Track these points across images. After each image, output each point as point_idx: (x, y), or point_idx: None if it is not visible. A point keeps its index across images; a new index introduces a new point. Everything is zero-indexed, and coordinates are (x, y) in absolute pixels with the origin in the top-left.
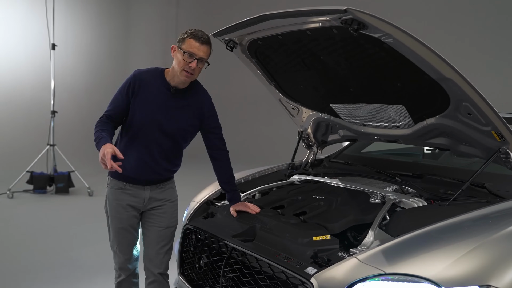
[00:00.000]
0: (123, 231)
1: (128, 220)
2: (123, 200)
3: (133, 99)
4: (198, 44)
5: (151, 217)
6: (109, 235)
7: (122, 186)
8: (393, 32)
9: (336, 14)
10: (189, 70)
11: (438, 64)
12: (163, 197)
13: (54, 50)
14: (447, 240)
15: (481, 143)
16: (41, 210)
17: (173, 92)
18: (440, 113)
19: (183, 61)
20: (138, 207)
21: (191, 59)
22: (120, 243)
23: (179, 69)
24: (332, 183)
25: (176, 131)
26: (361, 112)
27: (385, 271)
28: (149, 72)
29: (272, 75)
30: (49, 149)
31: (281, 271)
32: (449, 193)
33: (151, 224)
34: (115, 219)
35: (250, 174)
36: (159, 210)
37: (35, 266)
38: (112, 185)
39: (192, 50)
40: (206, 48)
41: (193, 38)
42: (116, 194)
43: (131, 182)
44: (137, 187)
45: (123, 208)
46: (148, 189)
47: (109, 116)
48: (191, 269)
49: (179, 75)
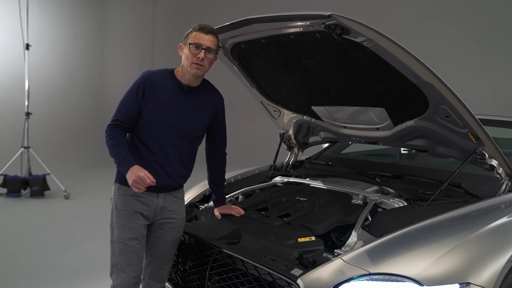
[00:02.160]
0: (134, 242)
1: (139, 230)
2: (135, 207)
3: (145, 101)
4: (203, 34)
5: (159, 231)
6: (112, 252)
7: (133, 192)
8: (375, 38)
9: (320, 19)
10: (198, 61)
11: (419, 69)
12: (174, 208)
13: (28, 50)
14: (428, 239)
15: (458, 144)
16: (15, 215)
17: (186, 90)
18: (419, 116)
19: (191, 54)
20: (149, 216)
21: (198, 50)
22: (128, 257)
23: (188, 63)
24: (314, 185)
25: (191, 130)
26: (342, 114)
27: (369, 271)
28: (159, 73)
29: (254, 77)
30: (24, 152)
31: (267, 273)
32: (427, 194)
33: (158, 238)
34: (125, 229)
35: (233, 176)
36: (169, 225)
37: (12, 272)
38: (122, 191)
39: (197, 41)
40: (212, 37)
41: (197, 31)
42: (126, 201)
43: None
44: (150, 194)
45: (134, 215)
46: (161, 197)
47: (120, 123)
48: (175, 272)
49: (189, 69)
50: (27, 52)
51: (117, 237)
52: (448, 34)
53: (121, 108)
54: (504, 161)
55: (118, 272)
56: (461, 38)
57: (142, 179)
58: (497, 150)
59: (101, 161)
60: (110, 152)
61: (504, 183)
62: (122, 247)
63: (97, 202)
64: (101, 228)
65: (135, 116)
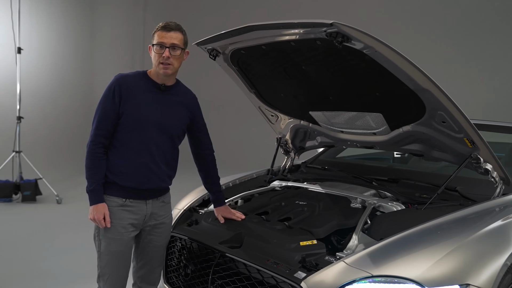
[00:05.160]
0: (122, 255)
1: (129, 241)
2: (124, 218)
3: (123, 103)
4: (165, 32)
5: (148, 236)
6: (99, 263)
7: (121, 203)
8: (376, 46)
9: (322, 27)
10: (164, 61)
11: (417, 76)
12: (163, 213)
13: (20, 53)
14: (427, 242)
15: (454, 149)
16: (7, 220)
17: (163, 89)
18: (416, 121)
19: (157, 54)
20: (138, 225)
21: (163, 49)
22: (116, 269)
23: (156, 63)
24: (313, 189)
25: (172, 128)
26: (340, 119)
27: (372, 274)
28: (132, 75)
29: (253, 83)
30: (15, 156)
31: (270, 276)
32: (424, 197)
33: (148, 243)
34: (115, 241)
35: (231, 180)
36: (157, 230)
37: (5, 278)
38: (109, 203)
39: (161, 40)
40: (175, 34)
41: (160, 30)
42: (114, 212)
43: (131, 197)
44: (138, 202)
45: (124, 228)
46: (150, 203)
47: (103, 137)
48: (176, 277)
49: (158, 70)
50: (18, 56)
51: (104, 249)
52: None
53: (101, 118)
54: (498, 165)
55: (105, 283)
56: (454, 42)
57: (99, 222)
58: (492, 154)
59: None
60: (86, 172)
61: (499, 186)
62: (110, 259)
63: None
64: None
65: (116, 122)
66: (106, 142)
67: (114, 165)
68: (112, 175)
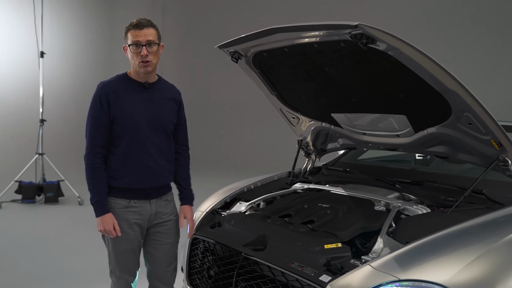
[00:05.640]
0: (130, 252)
1: (136, 240)
2: (129, 219)
3: (113, 110)
4: (138, 30)
5: (156, 234)
6: (109, 261)
7: (126, 204)
8: (401, 47)
9: (346, 29)
10: (143, 59)
11: (443, 77)
12: (168, 211)
13: (43, 57)
14: (455, 246)
15: (480, 151)
16: (30, 221)
17: (147, 86)
18: (441, 123)
19: (134, 54)
20: (144, 224)
21: (139, 48)
22: (125, 266)
23: (136, 63)
24: (335, 191)
25: (165, 124)
26: (362, 121)
27: (399, 278)
28: (113, 80)
29: (274, 85)
30: (38, 158)
31: (295, 279)
32: (450, 200)
33: (157, 242)
34: (122, 240)
35: (252, 182)
36: (164, 227)
37: (28, 278)
38: (114, 205)
39: (135, 39)
40: (148, 30)
41: (132, 29)
42: (119, 214)
43: (135, 198)
44: (142, 202)
45: (130, 227)
46: (153, 203)
47: (99, 147)
48: (200, 279)
49: (138, 69)
50: (41, 60)
51: (113, 248)
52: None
53: (94, 128)
54: None
55: (116, 279)
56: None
57: (109, 233)
58: None
59: None
60: (88, 184)
61: None
62: (119, 258)
63: None
64: None
65: (110, 129)
66: (103, 152)
67: (114, 171)
68: (114, 180)
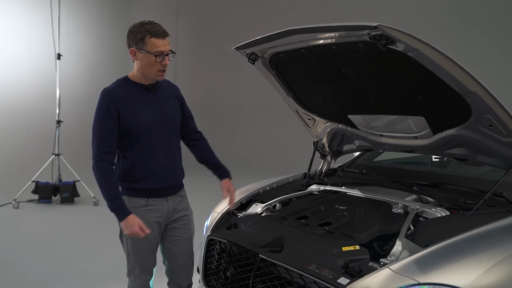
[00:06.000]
0: (149, 251)
1: (155, 238)
2: (148, 218)
3: (122, 115)
4: (161, 40)
5: (174, 230)
6: (128, 260)
7: (144, 203)
8: (421, 47)
9: (365, 30)
10: (163, 68)
11: (463, 78)
12: (183, 206)
13: (60, 59)
14: (476, 250)
15: (501, 153)
16: (47, 220)
17: (152, 89)
18: (461, 125)
19: (156, 64)
20: (162, 222)
21: (161, 58)
22: (144, 264)
23: (153, 71)
24: (352, 193)
25: (173, 123)
26: (379, 122)
27: (419, 281)
28: (116, 86)
29: (291, 87)
30: (54, 159)
31: (313, 281)
32: (469, 203)
33: (175, 238)
34: (141, 240)
35: (268, 184)
36: (181, 222)
37: (46, 278)
38: (132, 204)
39: (159, 49)
40: (168, 39)
41: (153, 37)
42: (138, 213)
43: (153, 196)
44: (160, 200)
45: (150, 226)
46: (170, 200)
47: (109, 154)
48: (216, 280)
49: (154, 77)
50: (58, 62)
51: (132, 248)
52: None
53: (103, 135)
54: None
55: (135, 277)
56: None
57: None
58: None
59: None
60: (103, 192)
61: None
62: (138, 257)
63: None
64: None
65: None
66: (113, 158)
67: (131, 174)
68: (131, 183)
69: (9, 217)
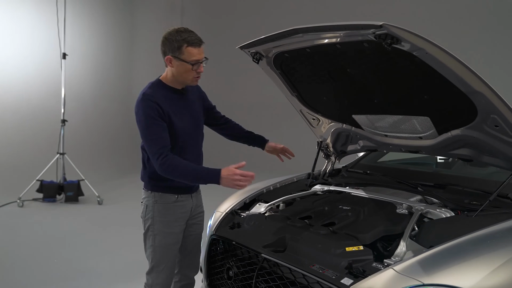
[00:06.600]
0: (175, 246)
1: (181, 234)
2: (176, 214)
3: (168, 118)
4: (197, 48)
5: (192, 226)
6: (153, 256)
7: (174, 199)
8: (427, 47)
9: (370, 29)
10: (198, 75)
11: (469, 78)
12: (200, 203)
13: (65, 59)
14: (481, 251)
15: (506, 154)
16: (51, 219)
17: (184, 92)
18: (466, 125)
19: (192, 71)
20: (186, 218)
21: (198, 65)
22: (170, 260)
23: (189, 77)
24: (356, 193)
25: (202, 124)
26: (384, 123)
27: (423, 282)
28: (155, 90)
29: (295, 86)
30: (59, 158)
31: (316, 281)
32: (474, 204)
33: (192, 233)
34: (169, 235)
35: (271, 184)
36: (199, 218)
37: (52, 276)
38: (163, 200)
39: (196, 58)
40: (202, 47)
41: (190, 46)
42: (168, 208)
43: (182, 193)
44: (186, 197)
45: (177, 222)
46: (194, 196)
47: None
48: (219, 279)
49: (189, 82)
50: (63, 61)
51: (159, 243)
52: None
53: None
54: None
55: (159, 273)
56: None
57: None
58: None
59: (133, 167)
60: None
61: None
62: (165, 252)
63: (130, 207)
64: (135, 233)
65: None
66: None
67: None
68: (163, 182)
69: (13, 215)
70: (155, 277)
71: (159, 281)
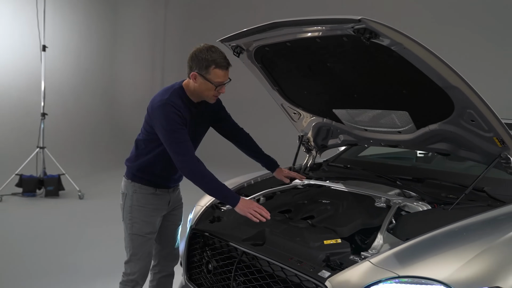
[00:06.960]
0: (152, 235)
1: (158, 224)
2: (155, 204)
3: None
4: (224, 71)
5: (170, 217)
6: (131, 244)
7: (153, 191)
8: (404, 42)
9: (349, 24)
10: (218, 94)
11: (446, 73)
12: (179, 197)
13: (45, 51)
14: (455, 243)
15: (482, 148)
16: (31, 214)
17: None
18: (443, 120)
19: (215, 91)
20: (164, 210)
21: (221, 87)
22: (147, 248)
23: (209, 95)
24: (336, 187)
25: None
26: (364, 117)
27: (398, 274)
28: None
29: (276, 80)
30: (39, 152)
31: (294, 274)
32: (450, 197)
33: (169, 224)
34: (147, 224)
35: (252, 178)
36: (177, 210)
37: (31, 272)
38: (143, 191)
39: (220, 80)
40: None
41: (218, 68)
42: (149, 199)
43: (160, 187)
44: (163, 191)
45: (155, 212)
46: (171, 192)
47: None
48: (198, 273)
49: (208, 99)
50: (43, 54)
51: (137, 230)
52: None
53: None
54: None
55: (137, 261)
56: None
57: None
58: None
59: (114, 162)
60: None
61: None
62: (142, 240)
63: (111, 202)
64: (116, 227)
65: None
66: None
67: (149, 168)
68: (152, 176)
69: None
70: (133, 266)
71: (136, 269)
